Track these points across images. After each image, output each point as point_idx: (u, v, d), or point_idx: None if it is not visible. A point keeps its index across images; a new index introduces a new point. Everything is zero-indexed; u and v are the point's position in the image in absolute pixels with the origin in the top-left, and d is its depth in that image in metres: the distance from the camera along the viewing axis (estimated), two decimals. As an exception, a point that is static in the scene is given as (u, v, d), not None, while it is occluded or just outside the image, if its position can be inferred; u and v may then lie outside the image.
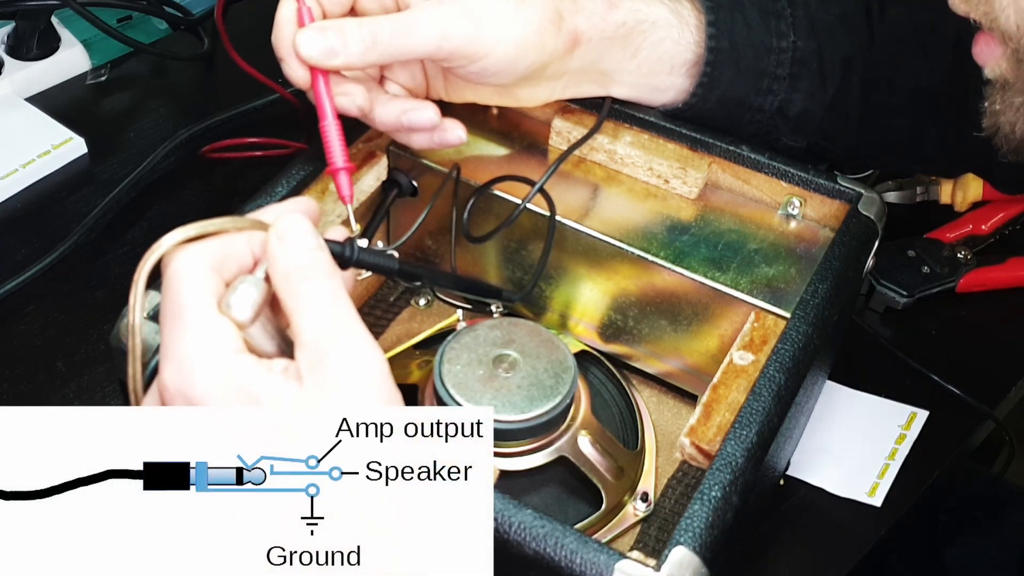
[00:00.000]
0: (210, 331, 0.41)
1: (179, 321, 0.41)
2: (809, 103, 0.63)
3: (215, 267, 0.43)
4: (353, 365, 0.41)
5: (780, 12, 0.63)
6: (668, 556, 0.46)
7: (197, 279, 0.42)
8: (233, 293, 0.42)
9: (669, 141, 0.66)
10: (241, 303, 0.42)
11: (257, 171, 0.85)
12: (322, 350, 0.41)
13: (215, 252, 0.43)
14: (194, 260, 0.42)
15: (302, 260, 0.43)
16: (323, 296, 0.42)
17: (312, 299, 0.42)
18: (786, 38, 0.62)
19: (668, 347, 0.64)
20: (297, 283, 0.42)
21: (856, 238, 0.61)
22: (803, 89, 0.63)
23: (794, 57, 0.62)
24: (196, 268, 0.42)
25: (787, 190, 0.64)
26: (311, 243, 0.44)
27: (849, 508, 0.66)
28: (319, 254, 0.43)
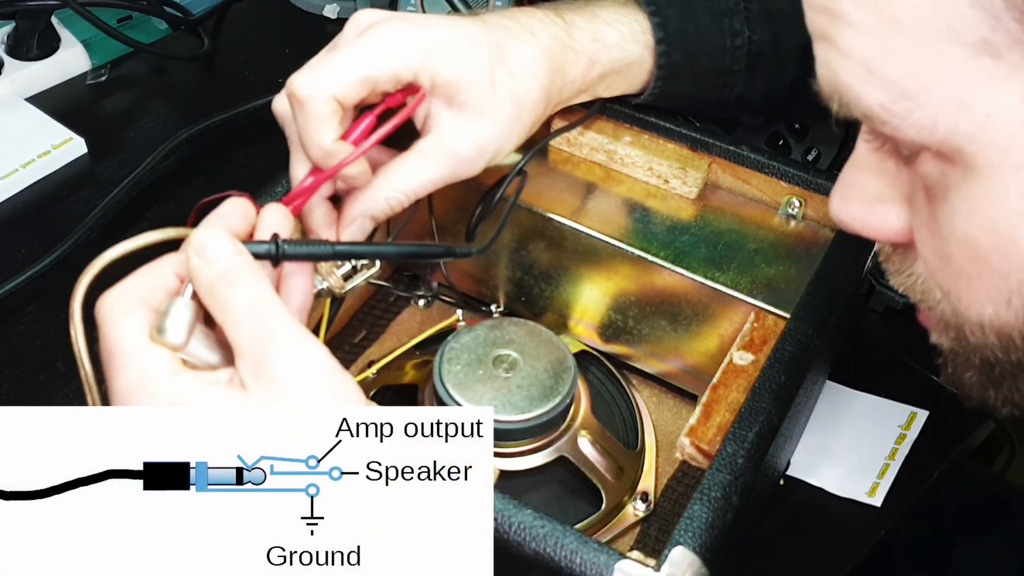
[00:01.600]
0: (143, 364, 0.42)
1: (113, 362, 0.42)
2: (769, 88, 0.66)
3: (142, 301, 0.43)
4: (294, 365, 0.41)
5: (733, 9, 0.65)
6: (668, 556, 0.46)
7: (123, 318, 0.43)
8: (164, 318, 0.42)
9: (669, 141, 0.66)
10: (174, 326, 0.42)
11: (257, 170, 0.85)
12: (260, 355, 0.41)
13: (139, 286, 0.44)
14: (119, 300, 0.43)
15: (222, 269, 0.43)
16: (250, 302, 0.42)
17: (239, 307, 0.42)
18: (740, 35, 0.64)
19: (668, 347, 0.64)
20: (221, 293, 0.43)
21: (856, 238, 0.60)
22: (761, 78, 0.65)
23: (749, 51, 0.64)
24: (121, 307, 0.43)
25: (787, 190, 0.64)
26: (229, 250, 0.44)
27: (849, 508, 0.66)
28: (239, 259, 0.43)
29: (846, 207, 0.42)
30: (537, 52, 0.58)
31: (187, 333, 0.42)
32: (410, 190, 0.55)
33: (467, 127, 0.56)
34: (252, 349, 0.41)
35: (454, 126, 0.56)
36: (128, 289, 0.44)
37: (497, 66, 0.56)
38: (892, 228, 0.41)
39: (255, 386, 0.41)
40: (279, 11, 1.04)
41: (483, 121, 0.56)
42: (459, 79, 0.55)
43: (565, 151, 0.67)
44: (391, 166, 0.55)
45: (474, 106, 0.56)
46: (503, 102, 0.56)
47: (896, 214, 0.41)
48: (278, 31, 1.03)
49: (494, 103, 0.56)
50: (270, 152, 0.56)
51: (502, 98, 0.56)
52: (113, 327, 0.43)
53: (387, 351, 0.66)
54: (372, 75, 0.53)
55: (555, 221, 0.63)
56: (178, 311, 0.42)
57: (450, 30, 0.56)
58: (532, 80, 0.58)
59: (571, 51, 0.60)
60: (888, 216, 0.41)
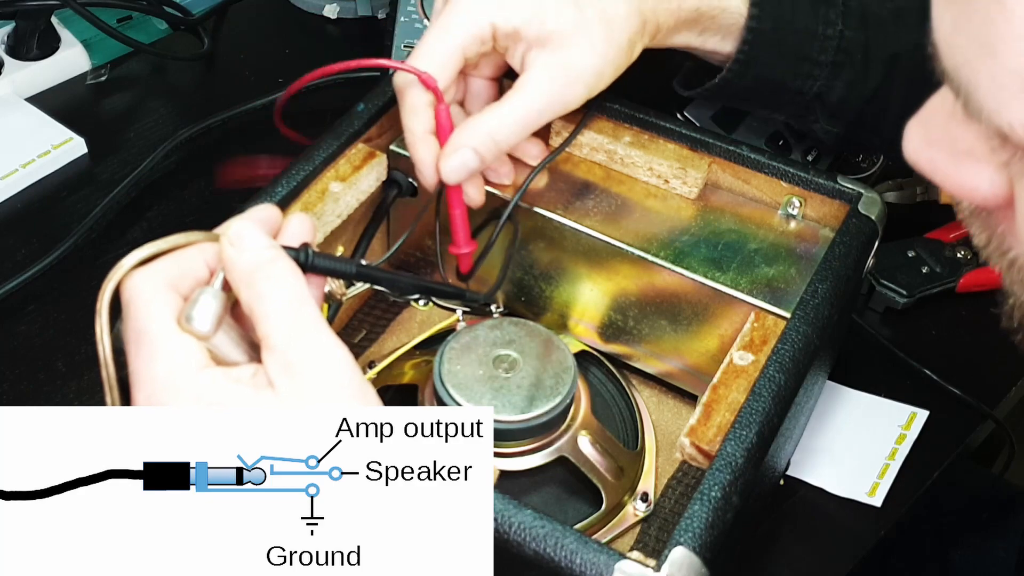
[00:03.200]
0: (173, 352, 0.41)
1: (142, 346, 0.42)
2: (848, 92, 0.64)
3: (171, 284, 0.43)
4: (326, 367, 0.41)
5: (832, 0, 0.64)
6: (668, 556, 0.46)
7: (154, 299, 0.42)
8: (193, 306, 0.42)
9: (669, 141, 0.66)
10: (202, 315, 0.42)
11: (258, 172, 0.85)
12: (291, 354, 0.41)
13: (169, 269, 0.43)
14: (149, 281, 0.42)
15: (260, 259, 0.43)
16: (287, 297, 0.42)
17: (276, 300, 0.42)
18: (833, 26, 0.63)
19: (668, 347, 0.64)
20: (258, 284, 0.42)
21: (856, 238, 0.61)
22: (844, 78, 0.64)
23: (839, 46, 0.63)
24: (152, 288, 0.42)
25: (787, 190, 0.64)
26: (265, 242, 0.44)
27: (849, 508, 0.66)
28: (276, 252, 0.44)
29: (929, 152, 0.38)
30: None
31: (215, 323, 0.42)
32: (512, 122, 0.57)
33: (558, 56, 0.57)
34: (285, 346, 0.41)
35: (545, 58, 0.57)
36: (159, 271, 0.43)
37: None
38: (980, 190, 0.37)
39: (286, 384, 0.41)
40: (279, 11, 1.04)
41: (573, 44, 0.57)
42: (538, 15, 0.57)
43: (565, 151, 0.67)
44: (491, 105, 0.58)
45: (560, 33, 0.57)
46: (590, 23, 0.57)
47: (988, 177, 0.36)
48: (278, 31, 1.03)
49: (581, 25, 0.57)
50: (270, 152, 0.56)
51: (589, 19, 0.57)
52: (142, 307, 0.42)
53: (387, 351, 0.66)
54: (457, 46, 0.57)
55: (555, 221, 0.63)
56: (207, 300, 0.42)
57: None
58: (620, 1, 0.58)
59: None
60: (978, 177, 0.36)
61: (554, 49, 0.57)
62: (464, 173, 0.58)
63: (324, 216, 0.60)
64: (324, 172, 0.61)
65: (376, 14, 1.02)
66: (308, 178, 0.60)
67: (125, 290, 0.42)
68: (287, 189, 0.59)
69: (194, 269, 0.44)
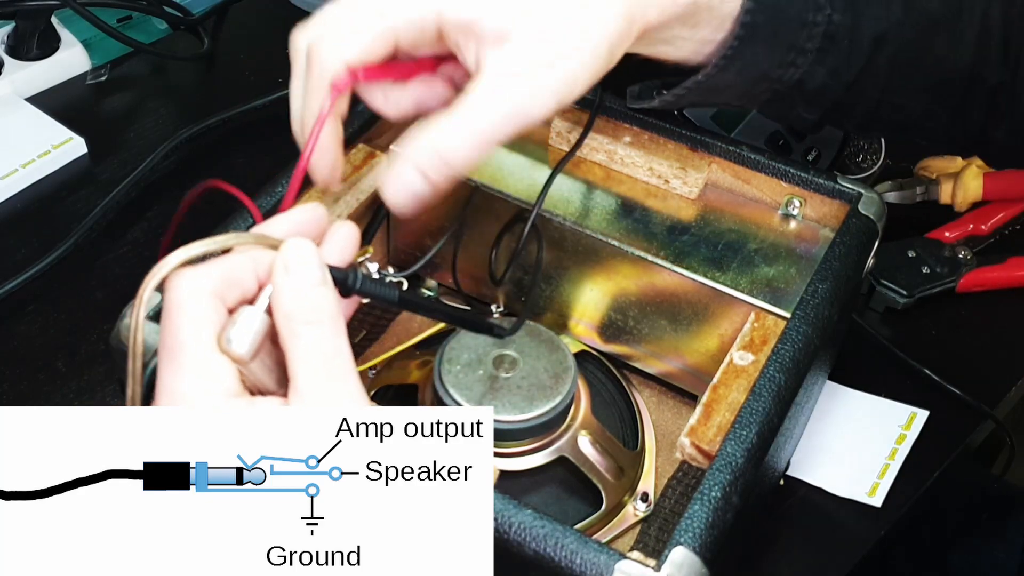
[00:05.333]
0: (206, 373, 0.40)
1: (176, 359, 0.40)
2: (830, 79, 0.60)
3: (217, 293, 0.41)
4: None
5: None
6: (668, 556, 0.46)
7: (197, 311, 0.41)
8: (233, 327, 0.41)
9: (669, 141, 0.66)
10: (241, 339, 0.41)
11: (258, 170, 0.85)
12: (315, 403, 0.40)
13: (218, 276, 0.41)
14: (195, 287, 0.41)
15: (306, 301, 0.41)
16: (323, 344, 0.41)
17: (311, 346, 0.41)
18: (822, 11, 0.58)
19: (668, 347, 0.64)
20: (299, 326, 0.41)
21: (856, 238, 0.61)
22: (827, 64, 0.59)
23: (826, 32, 0.58)
24: (197, 297, 0.41)
25: (787, 190, 0.64)
26: (316, 278, 0.42)
27: (849, 508, 0.66)
28: (323, 291, 0.42)
29: None
30: None
31: (254, 349, 0.41)
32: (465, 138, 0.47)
33: (520, 58, 0.47)
34: (310, 393, 0.40)
35: (503, 59, 0.47)
36: (207, 276, 0.41)
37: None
38: None
39: None
40: (279, 11, 1.04)
41: (540, 45, 0.47)
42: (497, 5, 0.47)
43: (565, 151, 0.67)
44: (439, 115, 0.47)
45: (525, 31, 0.47)
46: (563, 21, 0.48)
47: None
48: (278, 31, 1.02)
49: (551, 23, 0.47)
50: (270, 152, 0.56)
51: (561, 16, 0.47)
52: (183, 315, 0.40)
53: (387, 351, 0.66)
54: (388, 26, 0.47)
55: (555, 221, 0.63)
56: (250, 323, 0.41)
57: None
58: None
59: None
60: None
61: (515, 50, 0.47)
62: (411, 200, 0.48)
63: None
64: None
65: (376, 14, 1.02)
66: (308, 178, 0.60)
67: (168, 290, 0.41)
68: (287, 189, 0.59)
69: (242, 279, 0.42)
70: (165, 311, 0.41)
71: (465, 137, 0.47)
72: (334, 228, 0.46)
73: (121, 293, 0.54)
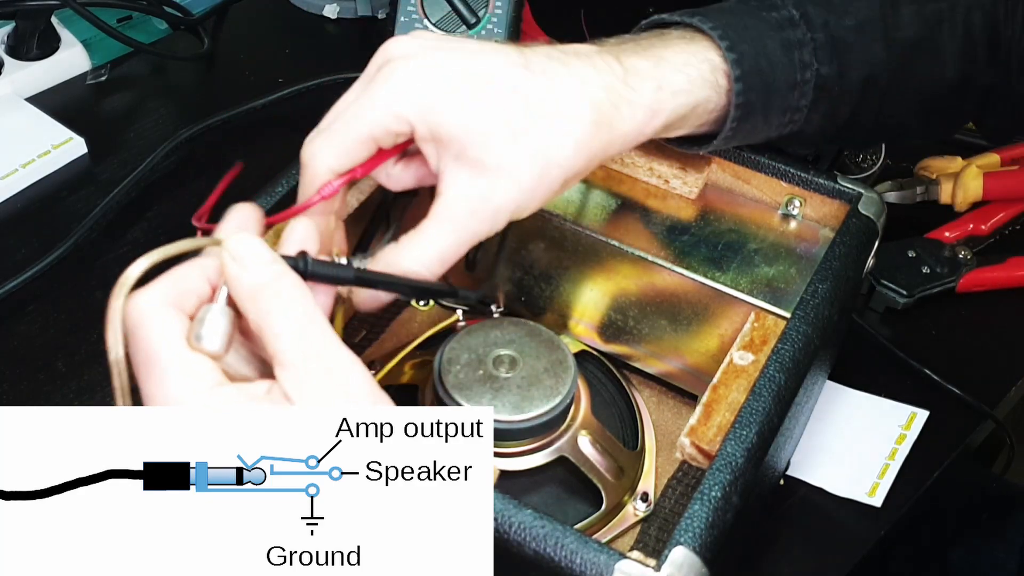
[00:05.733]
0: (186, 372, 0.41)
1: (154, 368, 0.41)
2: (825, 123, 0.61)
3: (174, 304, 0.42)
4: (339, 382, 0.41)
5: (801, 40, 0.59)
6: (668, 556, 0.46)
7: (161, 320, 0.41)
8: (201, 325, 0.42)
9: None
10: (211, 333, 0.41)
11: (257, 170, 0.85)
12: (305, 370, 0.41)
13: (171, 289, 0.42)
14: (150, 303, 0.41)
15: (264, 277, 0.42)
16: (296, 313, 0.42)
17: (285, 318, 0.41)
18: (809, 68, 0.59)
19: (668, 347, 0.64)
20: (265, 302, 0.42)
21: (856, 238, 0.61)
22: (821, 111, 0.61)
23: (816, 84, 0.59)
24: (154, 311, 0.41)
25: (787, 190, 0.64)
26: (267, 257, 0.43)
27: (849, 508, 0.66)
28: (279, 268, 0.43)
29: None
30: (582, 103, 0.51)
31: (226, 341, 0.42)
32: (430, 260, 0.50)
33: (478, 187, 0.50)
34: (297, 362, 0.41)
35: (462, 186, 0.50)
36: (160, 291, 0.42)
37: (521, 116, 0.50)
38: None
39: (303, 399, 0.40)
40: (279, 11, 1.04)
41: (497, 179, 0.50)
42: (464, 131, 0.49)
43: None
44: (406, 236, 0.51)
45: (485, 162, 0.49)
46: (524, 158, 0.50)
47: None
48: (278, 31, 1.03)
49: (512, 158, 0.49)
50: (270, 152, 0.56)
51: (522, 154, 0.50)
52: (149, 331, 0.41)
53: (387, 351, 0.66)
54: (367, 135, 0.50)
55: (555, 221, 0.63)
56: (215, 318, 0.42)
57: (468, 70, 0.50)
58: (566, 137, 0.50)
59: (626, 103, 0.52)
60: None
61: (475, 175, 0.49)
62: (378, 306, 0.53)
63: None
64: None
65: (376, 14, 1.02)
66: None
67: (130, 314, 0.41)
68: (287, 189, 0.59)
69: (195, 287, 0.43)
70: (130, 333, 0.41)
71: (432, 259, 0.50)
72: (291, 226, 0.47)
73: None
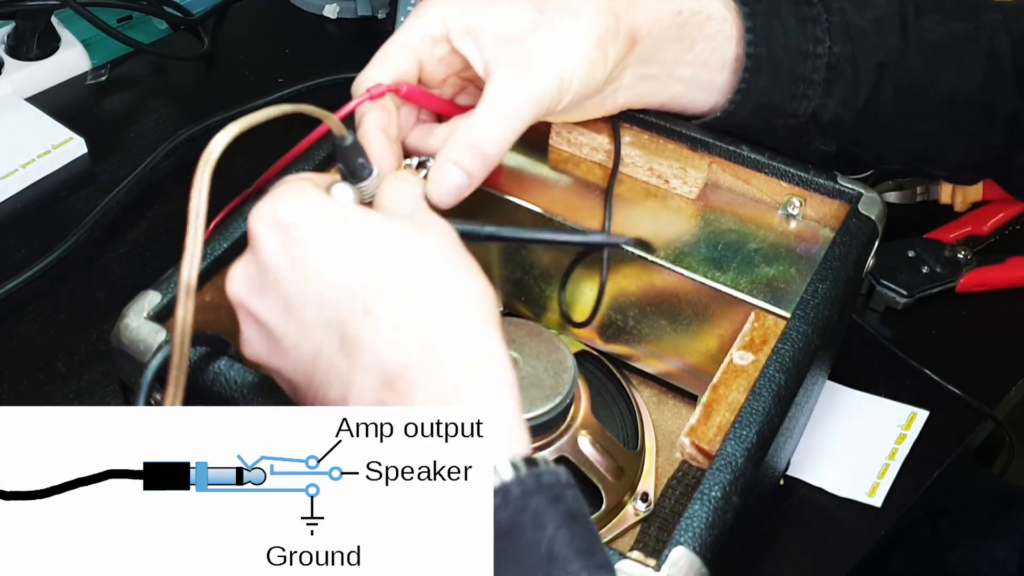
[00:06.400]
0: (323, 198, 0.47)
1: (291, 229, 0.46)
2: (841, 108, 0.63)
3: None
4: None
5: (816, 17, 0.63)
6: (668, 556, 0.46)
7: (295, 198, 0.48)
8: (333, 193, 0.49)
9: (669, 141, 0.66)
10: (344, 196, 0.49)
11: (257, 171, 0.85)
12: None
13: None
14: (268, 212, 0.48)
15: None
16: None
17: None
18: (822, 43, 0.62)
19: (668, 347, 0.64)
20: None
21: (856, 238, 0.61)
22: (836, 94, 0.63)
23: (829, 63, 0.62)
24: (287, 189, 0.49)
25: (787, 190, 0.64)
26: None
27: (849, 508, 0.66)
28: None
29: None
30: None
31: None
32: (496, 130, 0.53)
33: (522, 55, 0.54)
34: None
35: (508, 58, 0.54)
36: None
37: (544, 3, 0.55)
38: None
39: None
40: (279, 11, 1.04)
41: (536, 40, 0.54)
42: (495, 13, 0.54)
43: (565, 151, 0.67)
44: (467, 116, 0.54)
45: (520, 32, 0.54)
46: (554, 19, 0.55)
47: None
48: (278, 31, 1.03)
49: (544, 22, 0.54)
50: (270, 152, 0.56)
51: (551, 16, 0.55)
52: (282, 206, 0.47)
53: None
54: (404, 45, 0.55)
55: (555, 221, 0.63)
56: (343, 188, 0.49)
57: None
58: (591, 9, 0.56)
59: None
60: None
61: (517, 49, 0.54)
62: (456, 195, 0.53)
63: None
64: (324, 172, 0.61)
65: (376, 14, 1.02)
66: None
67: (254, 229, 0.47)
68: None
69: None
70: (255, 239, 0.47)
71: (495, 128, 0.53)
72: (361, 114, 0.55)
73: (121, 293, 0.54)
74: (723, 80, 0.63)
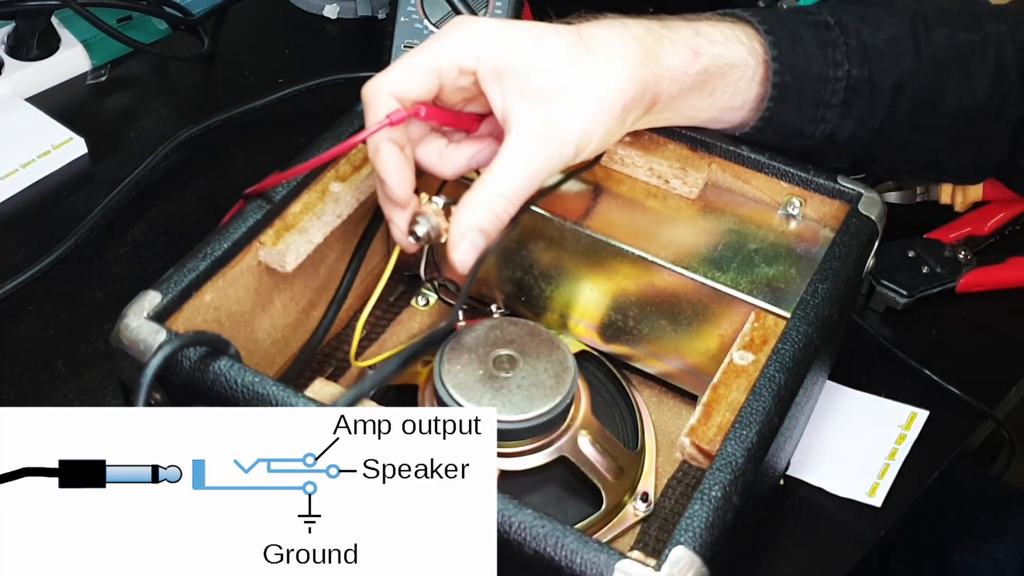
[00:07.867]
0: None
1: None
2: (858, 128, 0.64)
3: None
4: None
5: (835, 41, 0.63)
6: (668, 556, 0.46)
7: None
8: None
9: (669, 141, 0.66)
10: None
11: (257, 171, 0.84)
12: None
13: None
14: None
15: None
16: None
17: None
18: (841, 67, 0.62)
19: (668, 347, 0.64)
20: None
21: (856, 238, 0.61)
22: (854, 115, 0.63)
23: (847, 85, 0.63)
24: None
25: (787, 190, 0.64)
26: None
27: (849, 508, 0.66)
28: None
29: None
30: (626, 36, 0.56)
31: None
32: (511, 193, 0.54)
33: (545, 113, 0.54)
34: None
35: (530, 115, 0.54)
36: None
37: (576, 48, 0.55)
38: None
39: None
40: (279, 11, 1.04)
41: (562, 102, 0.54)
42: (527, 64, 0.54)
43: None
44: (485, 175, 0.54)
45: (548, 90, 0.54)
46: (583, 83, 0.54)
47: None
48: (278, 31, 1.03)
49: (573, 84, 0.54)
50: (270, 152, 0.56)
51: (582, 79, 0.54)
52: None
53: (387, 351, 0.66)
54: (431, 66, 0.54)
55: (555, 221, 0.63)
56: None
57: (524, 24, 0.56)
58: (619, 61, 0.55)
59: (667, 40, 0.58)
60: None
61: (540, 104, 0.54)
62: (475, 255, 0.54)
63: (324, 216, 0.60)
64: (324, 172, 0.61)
65: (376, 14, 1.02)
66: (308, 178, 0.60)
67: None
68: (287, 189, 0.59)
69: None
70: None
71: (513, 192, 0.54)
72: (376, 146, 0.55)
73: (121, 293, 0.54)
74: (742, 116, 0.64)
